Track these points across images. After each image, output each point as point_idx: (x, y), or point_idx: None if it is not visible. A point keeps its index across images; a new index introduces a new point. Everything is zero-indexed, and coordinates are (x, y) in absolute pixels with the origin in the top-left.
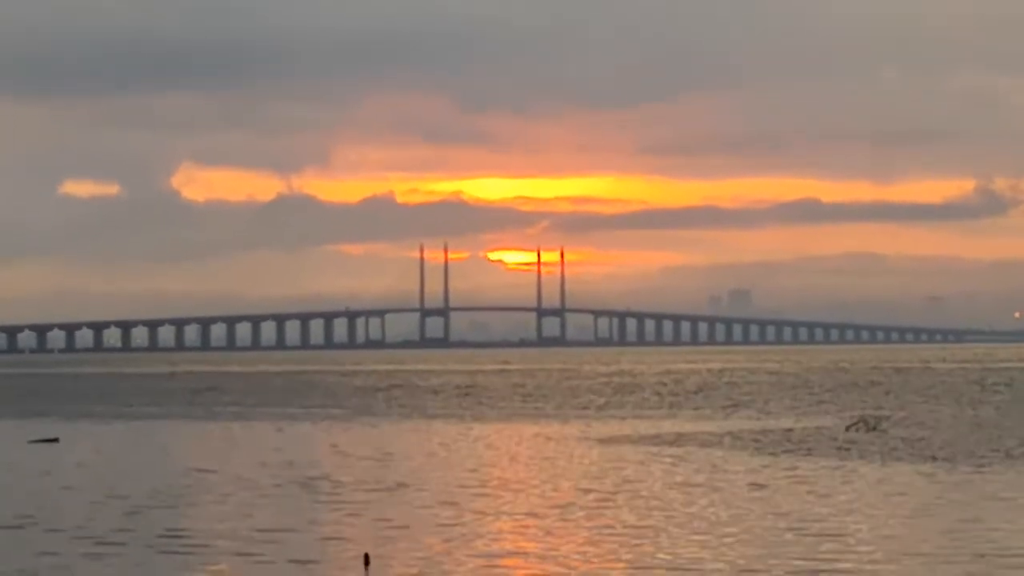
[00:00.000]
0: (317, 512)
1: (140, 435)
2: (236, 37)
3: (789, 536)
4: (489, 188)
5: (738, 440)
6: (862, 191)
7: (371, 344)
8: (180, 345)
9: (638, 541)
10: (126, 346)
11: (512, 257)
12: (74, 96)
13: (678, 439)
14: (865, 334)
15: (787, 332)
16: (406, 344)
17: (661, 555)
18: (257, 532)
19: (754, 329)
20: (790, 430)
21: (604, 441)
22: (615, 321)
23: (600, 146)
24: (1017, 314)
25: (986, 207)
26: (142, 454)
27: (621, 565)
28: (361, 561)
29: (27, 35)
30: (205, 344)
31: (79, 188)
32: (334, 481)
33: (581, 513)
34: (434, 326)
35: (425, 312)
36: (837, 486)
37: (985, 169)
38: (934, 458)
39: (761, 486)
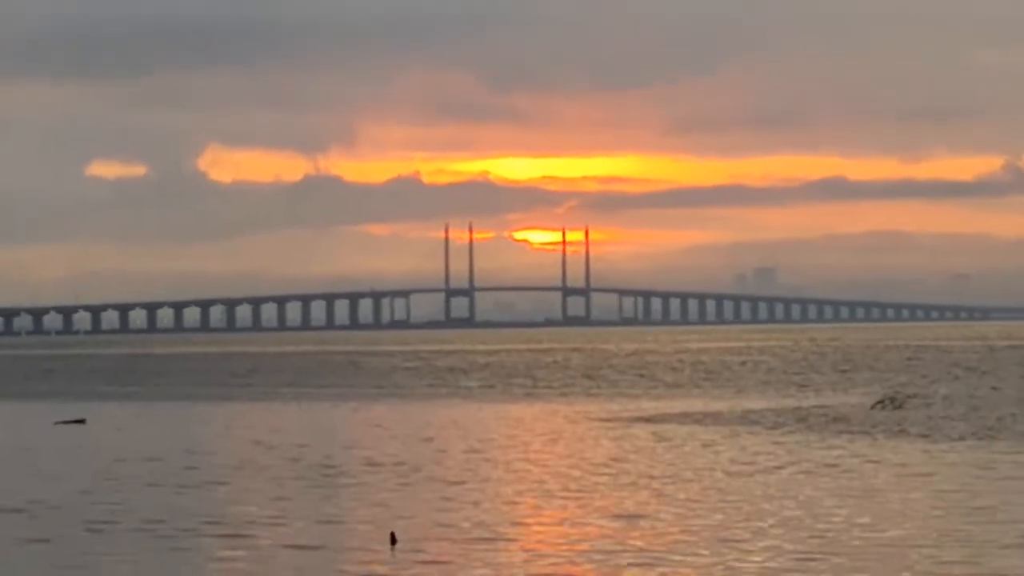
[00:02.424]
0: (343, 492)
1: (166, 417)
2: (262, 17)
3: (810, 518)
4: (515, 168)
5: (760, 420)
6: (888, 169)
7: (396, 324)
8: (205, 326)
9: (654, 524)
10: (152, 327)
11: (537, 237)
12: (101, 77)
13: (703, 418)
14: (891, 312)
15: (812, 310)
16: (431, 324)
17: (682, 536)
18: (281, 514)
19: (779, 307)
20: (816, 408)
21: (625, 421)
22: (640, 300)
23: (626, 125)
24: None
25: (1013, 184)
26: (169, 437)
27: (634, 545)
28: (387, 540)
29: (54, 16)
30: (231, 325)
31: (106, 169)
32: (361, 461)
33: (599, 495)
34: (459, 306)
35: (450, 292)
36: (861, 465)
37: (1013, 146)
38: (960, 437)
39: (784, 467)
